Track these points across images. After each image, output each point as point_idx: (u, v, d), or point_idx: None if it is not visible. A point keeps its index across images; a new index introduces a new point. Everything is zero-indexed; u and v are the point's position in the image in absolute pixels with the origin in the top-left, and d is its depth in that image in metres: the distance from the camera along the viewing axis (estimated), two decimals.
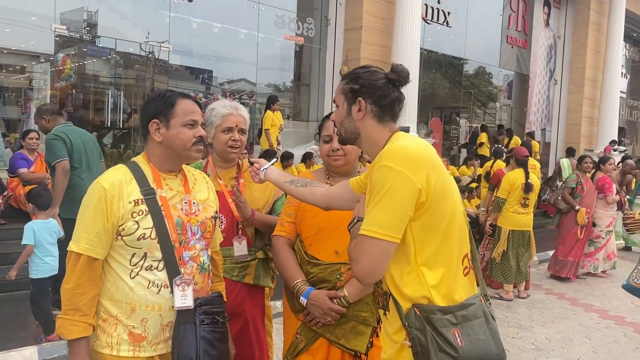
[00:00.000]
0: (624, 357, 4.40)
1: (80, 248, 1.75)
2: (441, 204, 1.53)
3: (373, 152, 1.67)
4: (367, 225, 1.51)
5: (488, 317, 1.57)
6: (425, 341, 1.49)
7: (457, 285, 1.56)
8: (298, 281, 2.16)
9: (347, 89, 1.70)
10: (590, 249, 7.40)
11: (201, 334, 1.81)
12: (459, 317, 1.51)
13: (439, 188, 1.52)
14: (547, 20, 16.82)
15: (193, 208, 1.91)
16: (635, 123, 22.13)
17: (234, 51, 11.68)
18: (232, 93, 11.74)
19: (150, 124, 1.86)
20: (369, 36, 11.38)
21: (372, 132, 1.68)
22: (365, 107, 1.66)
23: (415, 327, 1.51)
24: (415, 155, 1.52)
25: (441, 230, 1.54)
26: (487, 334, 1.53)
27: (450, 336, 1.48)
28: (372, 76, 1.67)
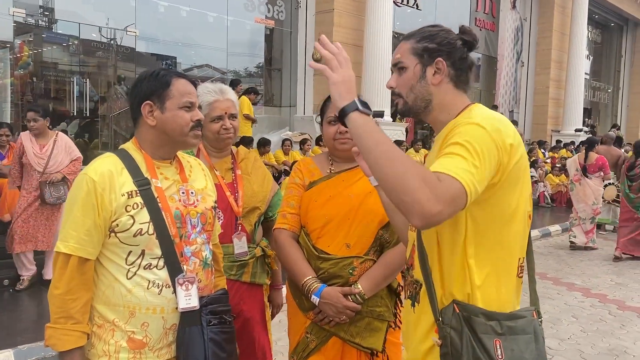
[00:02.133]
0: (612, 334, 4.45)
1: (70, 248, 1.54)
2: (512, 190, 1.36)
3: (442, 121, 1.47)
4: (454, 167, 1.24)
5: (538, 335, 1.38)
6: (459, 344, 1.32)
7: (508, 291, 1.39)
8: (308, 278, 1.99)
9: (420, 47, 1.45)
10: (591, 226, 7.91)
11: (209, 336, 1.63)
12: (504, 327, 1.33)
13: (515, 172, 1.35)
14: (513, 3, 16.93)
15: (191, 198, 1.72)
16: (598, 104, 22.62)
17: (203, 35, 11.34)
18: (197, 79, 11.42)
19: (142, 106, 1.64)
20: (341, 19, 11.23)
21: (447, 98, 1.46)
22: (444, 69, 1.44)
23: (450, 326, 1.34)
24: (507, 129, 1.33)
25: (501, 221, 1.37)
26: (533, 353, 1.34)
27: (491, 346, 1.30)
28: (449, 35, 1.45)
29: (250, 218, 2.22)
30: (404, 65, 1.48)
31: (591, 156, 7.87)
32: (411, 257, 1.53)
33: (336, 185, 2.09)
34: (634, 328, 4.62)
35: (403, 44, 1.49)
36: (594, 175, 7.78)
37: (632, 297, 5.55)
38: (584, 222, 7.95)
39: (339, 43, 1.43)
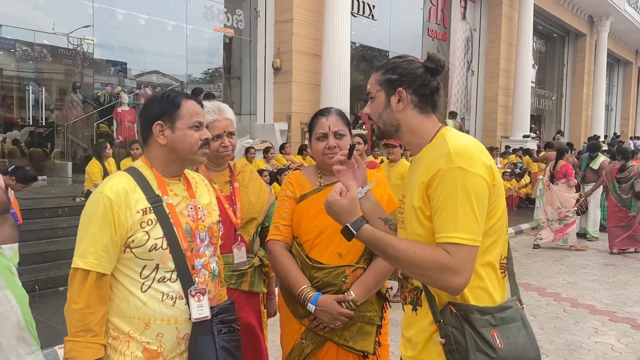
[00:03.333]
0: (568, 330, 4.75)
1: (89, 264, 1.61)
2: (495, 204, 1.53)
3: (416, 144, 1.63)
4: (462, 233, 1.44)
5: (525, 321, 1.57)
6: (463, 340, 1.47)
7: (494, 287, 1.55)
8: (304, 287, 2.10)
9: (384, 79, 1.62)
10: (560, 226, 8.48)
11: (220, 344, 1.74)
12: (497, 318, 1.50)
13: (497, 189, 1.52)
14: (464, 14, 17.56)
15: (199, 213, 1.82)
16: (543, 111, 23.63)
17: (162, 43, 11.28)
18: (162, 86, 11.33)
19: (154, 125, 1.74)
20: (300, 29, 11.39)
21: (414, 122, 1.61)
22: (405, 97, 1.59)
23: (451, 325, 1.49)
24: (480, 155, 1.50)
25: (487, 229, 1.52)
26: (525, 337, 1.52)
27: (490, 337, 1.46)
28: (410, 65, 1.61)
29: (249, 229, 2.34)
30: (372, 96, 1.67)
31: (559, 164, 8.48)
32: None
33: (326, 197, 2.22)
34: (587, 324, 4.95)
35: (373, 76, 1.68)
36: (560, 182, 8.38)
37: (583, 295, 5.92)
38: (551, 224, 8.58)
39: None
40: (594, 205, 9.37)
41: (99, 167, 7.03)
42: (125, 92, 10.55)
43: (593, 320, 5.07)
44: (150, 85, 11.30)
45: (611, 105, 30.14)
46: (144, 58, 11.55)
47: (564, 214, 8.43)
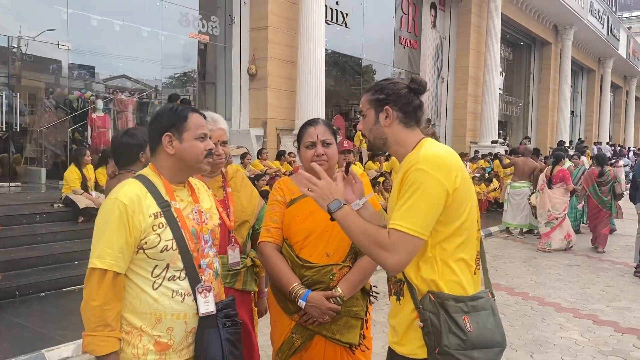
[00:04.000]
0: (535, 327, 5.01)
1: (106, 264, 1.75)
2: (459, 207, 1.75)
3: (401, 153, 1.86)
4: (405, 222, 1.66)
5: (495, 310, 1.79)
6: (438, 323, 1.68)
7: (468, 280, 1.78)
8: (295, 285, 2.26)
9: (373, 99, 1.87)
10: (547, 229, 8.92)
11: (225, 336, 1.89)
12: (469, 306, 1.71)
13: (461, 193, 1.74)
14: (434, 22, 17.98)
15: (203, 217, 1.98)
16: (511, 117, 24.27)
17: (137, 49, 11.29)
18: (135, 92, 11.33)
19: (163, 137, 1.88)
20: (275, 36, 11.55)
21: (399, 136, 1.85)
22: (392, 114, 1.83)
23: (429, 311, 1.70)
24: (447, 162, 1.73)
25: (456, 229, 1.75)
26: (493, 324, 1.74)
27: (461, 321, 1.68)
28: (395, 86, 1.85)
29: (242, 231, 2.50)
30: (364, 113, 1.93)
31: (556, 169, 8.99)
32: None
33: (315, 201, 2.39)
34: (553, 321, 5.22)
35: (364, 97, 1.94)
36: (556, 186, 8.87)
37: (549, 294, 6.21)
38: (539, 226, 9.10)
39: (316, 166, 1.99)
40: None
41: (77, 173, 7.06)
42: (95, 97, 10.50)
43: (558, 317, 5.35)
44: (126, 91, 11.27)
45: (576, 112, 31.11)
46: (119, 64, 11.52)
47: (553, 216, 8.87)
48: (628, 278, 7.12)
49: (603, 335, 4.85)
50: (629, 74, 35.99)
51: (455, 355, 1.67)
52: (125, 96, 10.93)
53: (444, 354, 1.68)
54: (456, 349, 1.67)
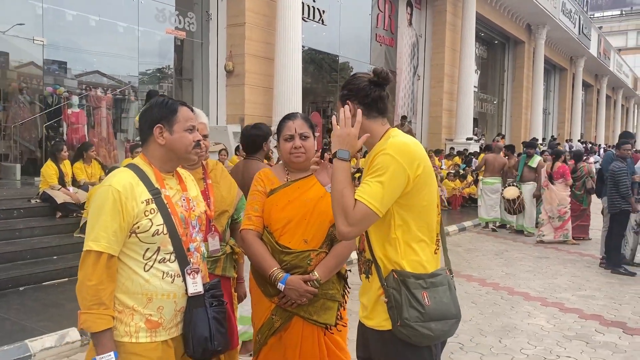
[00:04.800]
0: (504, 314, 5.22)
1: (102, 247, 1.85)
2: (421, 192, 1.91)
3: (370, 142, 1.99)
4: (367, 195, 1.81)
5: (451, 286, 1.97)
6: (399, 298, 1.84)
7: (429, 259, 1.94)
8: (274, 269, 2.40)
9: (340, 95, 2.03)
10: (560, 223, 9.30)
11: (212, 315, 2.02)
12: (428, 282, 1.88)
13: (422, 179, 1.90)
14: (410, 20, 18.20)
15: (190, 204, 2.10)
16: (485, 114, 24.69)
17: (113, 45, 11.25)
18: (112, 88, 11.29)
19: (154, 128, 2.00)
20: (252, 32, 11.61)
21: (364, 127, 1.96)
22: (353, 108, 1.96)
23: (392, 287, 1.86)
24: (412, 150, 1.88)
25: (417, 213, 1.91)
26: (449, 298, 1.91)
27: (420, 296, 1.84)
28: (356, 81, 1.99)
29: (221, 220, 2.62)
30: (336, 109, 2.09)
31: (556, 165, 9.29)
32: (362, 244, 2.05)
33: (293, 191, 2.53)
34: (521, 309, 5.44)
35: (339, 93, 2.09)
36: (558, 182, 9.19)
37: (519, 284, 6.44)
38: (552, 220, 9.32)
39: (347, 111, 1.94)
40: (529, 204, 10.05)
41: (54, 168, 7.06)
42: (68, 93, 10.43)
43: (527, 305, 5.58)
44: (101, 87, 11.22)
45: (548, 109, 31.76)
46: (94, 59, 11.46)
47: (563, 210, 9.21)
48: (594, 269, 7.41)
49: (568, 321, 5.08)
50: (600, 72, 36.83)
51: (415, 326, 1.83)
52: (100, 92, 10.89)
53: (405, 326, 1.83)
54: (415, 321, 1.83)
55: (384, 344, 1.93)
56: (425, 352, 1.90)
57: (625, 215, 7.17)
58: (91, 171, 7.72)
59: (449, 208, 13.45)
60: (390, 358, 1.93)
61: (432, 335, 1.85)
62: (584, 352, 4.32)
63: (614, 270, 7.15)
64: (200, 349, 1.99)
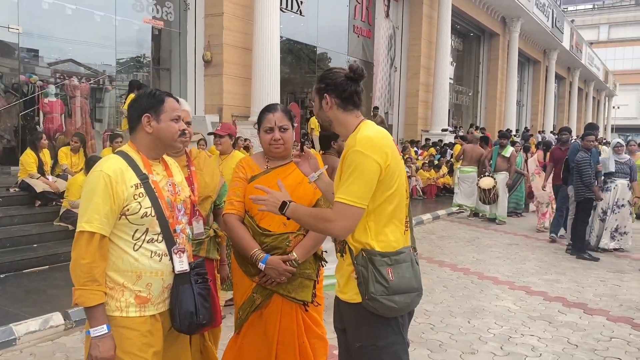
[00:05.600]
0: (474, 297, 5.47)
1: (95, 227, 1.99)
2: (390, 179, 2.08)
3: (344, 134, 2.18)
4: (345, 195, 2.00)
5: (413, 262, 2.16)
6: (366, 274, 2.03)
7: (397, 239, 2.12)
8: (255, 250, 2.57)
9: (317, 88, 2.19)
10: (547, 209, 9.80)
11: (197, 291, 2.18)
12: (392, 260, 2.06)
13: (392, 167, 2.08)
14: (387, 12, 18.38)
15: (176, 189, 2.25)
16: (461, 106, 25.07)
17: (90, 34, 11.19)
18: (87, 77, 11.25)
19: (143, 117, 2.14)
20: (230, 23, 11.67)
21: (340, 119, 2.17)
22: (330, 100, 2.14)
23: (360, 265, 2.06)
24: (379, 143, 2.05)
25: (386, 198, 2.08)
26: (411, 273, 2.09)
27: (385, 272, 2.03)
28: (333, 76, 2.15)
29: (205, 205, 2.77)
30: (313, 100, 2.28)
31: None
32: None
33: (273, 178, 2.68)
34: (490, 292, 5.70)
35: (314, 86, 2.25)
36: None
37: (488, 269, 6.72)
38: (541, 206, 9.70)
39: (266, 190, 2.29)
40: (502, 193, 10.37)
41: (33, 157, 7.08)
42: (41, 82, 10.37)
43: (495, 289, 5.84)
44: (78, 76, 11.16)
45: (522, 101, 32.33)
46: (70, 48, 11.38)
47: (552, 197, 9.57)
48: (561, 255, 7.74)
49: (533, 303, 5.35)
50: (572, 65, 37.56)
51: (380, 299, 2.02)
52: (77, 81, 10.84)
53: (372, 299, 2.03)
54: (381, 294, 2.02)
55: (356, 316, 2.12)
56: (393, 323, 2.10)
57: (590, 203, 7.49)
58: (77, 161, 7.75)
59: (424, 197, 13.73)
60: (361, 329, 2.11)
61: (396, 307, 2.04)
62: (547, 331, 4.58)
63: (579, 255, 7.48)
64: (187, 322, 2.14)
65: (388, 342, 2.09)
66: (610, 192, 7.92)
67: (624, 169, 7.85)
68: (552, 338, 4.43)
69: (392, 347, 2.10)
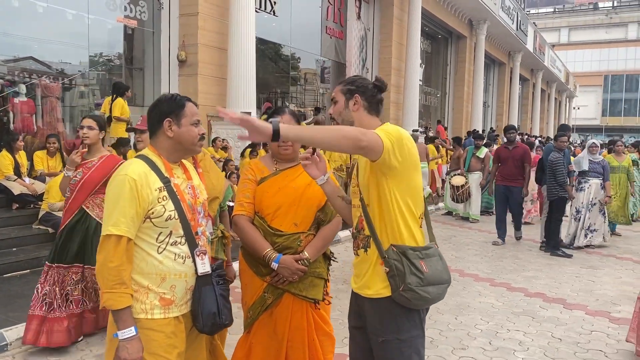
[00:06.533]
0: (458, 294, 5.60)
1: (122, 231, 2.01)
2: (412, 174, 2.19)
3: None
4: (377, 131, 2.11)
5: (441, 256, 2.28)
6: (402, 267, 2.13)
7: (417, 232, 2.23)
8: (268, 250, 2.62)
9: (345, 89, 2.30)
10: (532, 206, 10.28)
11: (219, 292, 2.22)
12: (423, 254, 2.18)
13: (414, 160, 2.18)
14: (359, 14, 18.51)
15: (195, 192, 2.28)
16: (429, 107, 25.45)
17: (61, 33, 10.96)
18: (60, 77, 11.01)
19: (164, 121, 2.16)
20: (205, 22, 11.60)
21: (364, 120, 2.27)
22: (359, 102, 2.26)
23: (393, 259, 2.15)
24: (401, 133, 2.16)
25: (411, 194, 2.19)
26: (441, 266, 2.22)
27: (419, 265, 2.14)
28: (363, 81, 2.31)
29: (213, 206, 2.82)
30: (336, 100, 2.35)
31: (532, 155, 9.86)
32: (360, 224, 2.30)
33: (282, 179, 2.75)
34: (472, 289, 5.86)
35: (337, 87, 2.36)
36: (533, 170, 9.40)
37: (468, 267, 6.90)
38: (525, 204, 9.80)
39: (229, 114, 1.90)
40: (475, 192, 10.62)
41: (10, 159, 6.93)
42: (2, 80, 10.10)
43: (477, 286, 6.01)
44: (48, 75, 10.91)
45: (488, 102, 32.99)
46: (41, 47, 11.12)
47: (535, 194, 9.97)
48: (535, 252, 7.99)
49: (515, 299, 5.53)
50: (536, 67, 38.54)
51: (416, 290, 2.12)
52: (48, 81, 10.61)
53: (408, 290, 2.12)
54: (417, 285, 2.12)
55: (380, 310, 2.20)
56: (416, 316, 2.21)
57: (563, 202, 7.76)
58: (54, 164, 7.59)
59: None
60: (385, 323, 2.20)
61: (429, 298, 2.15)
62: (531, 326, 4.76)
63: (553, 252, 7.74)
64: (210, 323, 2.18)
65: (410, 336, 2.19)
66: (584, 192, 8.21)
67: (597, 168, 8.14)
68: (536, 332, 4.60)
69: (414, 341, 2.20)
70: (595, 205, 8.22)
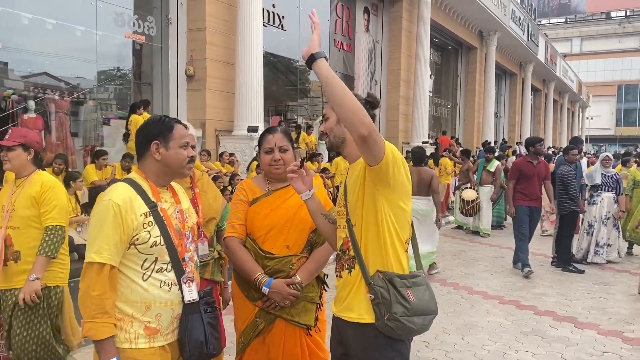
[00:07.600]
0: (465, 313, 5.48)
1: (104, 258, 1.94)
2: (403, 197, 2.11)
3: (355, 154, 2.19)
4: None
5: (428, 286, 2.19)
6: (387, 295, 2.04)
7: (403, 258, 2.15)
8: (259, 274, 2.53)
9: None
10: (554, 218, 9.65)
11: (207, 321, 2.13)
12: (411, 282, 2.10)
13: (406, 185, 2.11)
14: (367, 26, 18.55)
15: (184, 216, 2.21)
16: (440, 118, 25.33)
17: (71, 49, 11.05)
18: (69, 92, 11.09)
19: (152, 144, 2.10)
20: (213, 37, 11.63)
21: None
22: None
23: (379, 285, 2.07)
24: (399, 155, 2.09)
25: (400, 217, 2.12)
26: (428, 296, 2.13)
27: (406, 294, 2.05)
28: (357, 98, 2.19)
29: (209, 226, 2.75)
30: (327, 116, 2.28)
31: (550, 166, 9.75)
32: (346, 244, 2.21)
33: (275, 200, 2.67)
34: (481, 307, 5.72)
35: (328, 104, 2.27)
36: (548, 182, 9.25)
37: (477, 283, 6.75)
38: (550, 215, 9.89)
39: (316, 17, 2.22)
40: (486, 206, 10.46)
41: None
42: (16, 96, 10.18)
43: (485, 303, 5.87)
44: (57, 91, 10.99)
45: (500, 113, 32.79)
46: (50, 63, 11.21)
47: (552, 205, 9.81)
48: (546, 267, 7.82)
49: (524, 318, 5.38)
50: (547, 77, 38.28)
51: (401, 320, 2.03)
52: (57, 96, 10.68)
53: (393, 320, 2.03)
54: (402, 315, 2.03)
55: (363, 337, 2.11)
56: (402, 346, 2.12)
57: (574, 216, 7.59)
58: None
59: None
60: (369, 351, 2.11)
61: (414, 329, 2.06)
62: (540, 347, 4.61)
63: (564, 268, 7.57)
64: (197, 353, 2.10)
65: None
66: (597, 206, 8.04)
67: (610, 182, 7.98)
68: (546, 354, 4.45)
69: None
70: (609, 220, 8.04)
